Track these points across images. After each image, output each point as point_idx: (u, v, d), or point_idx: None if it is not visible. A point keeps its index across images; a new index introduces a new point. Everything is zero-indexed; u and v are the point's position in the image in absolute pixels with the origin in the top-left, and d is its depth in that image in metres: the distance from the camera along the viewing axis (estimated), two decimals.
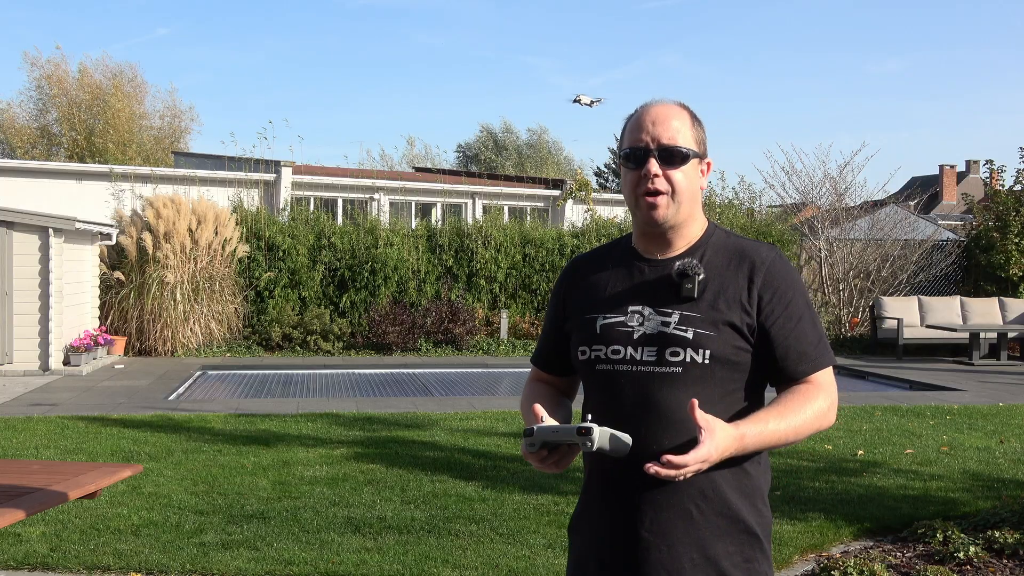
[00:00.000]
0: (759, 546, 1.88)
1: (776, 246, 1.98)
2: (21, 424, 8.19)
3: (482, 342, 14.99)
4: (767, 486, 1.95)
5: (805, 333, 1.89)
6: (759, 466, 1.91)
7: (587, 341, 1.95)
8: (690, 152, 1.91)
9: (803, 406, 1.85)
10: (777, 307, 1.88)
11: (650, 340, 1.87)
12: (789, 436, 1.83)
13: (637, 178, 1.91)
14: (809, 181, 17.81)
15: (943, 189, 51.66)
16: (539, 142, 48.81)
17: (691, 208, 1.94)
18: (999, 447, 7.78)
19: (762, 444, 1.81)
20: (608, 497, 1.90)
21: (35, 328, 11.84)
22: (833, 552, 4.97)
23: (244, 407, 9.33)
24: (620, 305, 1.94)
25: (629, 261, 1.99)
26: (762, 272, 1.89)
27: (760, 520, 1.90)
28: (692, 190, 1.93)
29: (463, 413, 9.07)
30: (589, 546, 1.96)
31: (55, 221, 11.90)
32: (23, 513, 3.07)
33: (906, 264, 16.71)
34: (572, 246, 16.24)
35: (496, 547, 4.95)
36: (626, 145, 1.94)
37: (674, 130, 1.90)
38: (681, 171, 1.90)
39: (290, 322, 14.48)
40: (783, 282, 1.90)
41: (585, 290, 2.02)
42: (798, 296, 1.90)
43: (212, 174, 16.22)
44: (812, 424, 1.86)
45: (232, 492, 6.00)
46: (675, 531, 1.83)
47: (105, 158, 27.14)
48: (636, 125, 1.94)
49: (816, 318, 1.93)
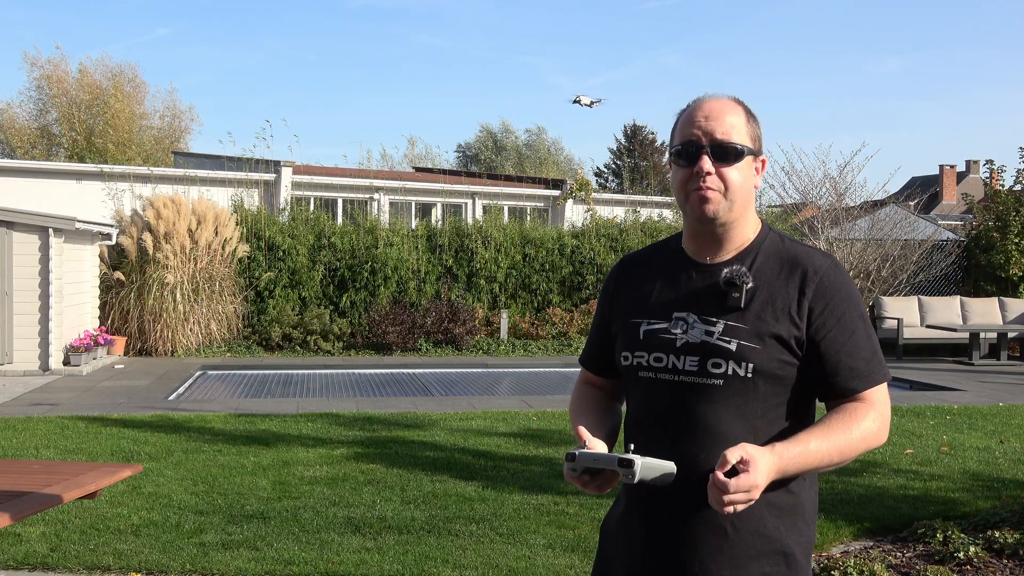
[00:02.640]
0: (796, 566, 1.81)
1: (832, 255, 1.90)
2: (21, 424, 8.19)
3: (482, 342, 14.99)
4: (813, 504, 1.87)
5: (858, 347, 1.79)
6: (803, 482, 1.83)
7: (631, 347, 1.89)
8: (745, 149, 1.82)
9: (850, 426, 1.75)
10: (829, 319, 1.78)
11: (693, 349, 1.80)
12: (834, 458, 1.73)
13: (688, 175, 1.82)
14: (809, 181, 17.79)
15: (943, 189, 51.66)
16: (539, 142, 48.81)
17: (744, 208, 1.85)
18: (999, 447, 7.78)
19: (803, 466, 1.72)
20: (644, 508, 1.85)
21: (35, 328, 11.84)
22: (833, 552, 4.97)
23: (244, 407, 9.33)
24: (665, 311, 1.87)
25: (678, 264, 1.91)
26: (815, 282, 1.80)
27: (799, 540, 1.82)
28: (746, 189, 1.83)
29: (463, 413, 9.07)
30: (619, 553, 1.91)
31: (55, 221, 11.90)
32: (23, 513, 3.07)
33: (906, 264, 16.70)
34: (572, 246, 16.24)
35: (496, 547, 4.95)
36: (677, 141, 1.83)
37: (728, 125, 1.81)
38: (736, 168, 1.81)
39: (290, 322, 14.48)
40: (837, 293, 1.80)
41: (632, 292, 1.96)
42: (852, 308, 1.81)
43: (212, 174, 16.22)
44: (859, 446, 1.76)
45: (232, 492, 6.00)
46: (708, 548, 1.78)
47: (105, 158, 27.15)
48: (688, 120, 1.84)
49: (871, 331, 1.83)
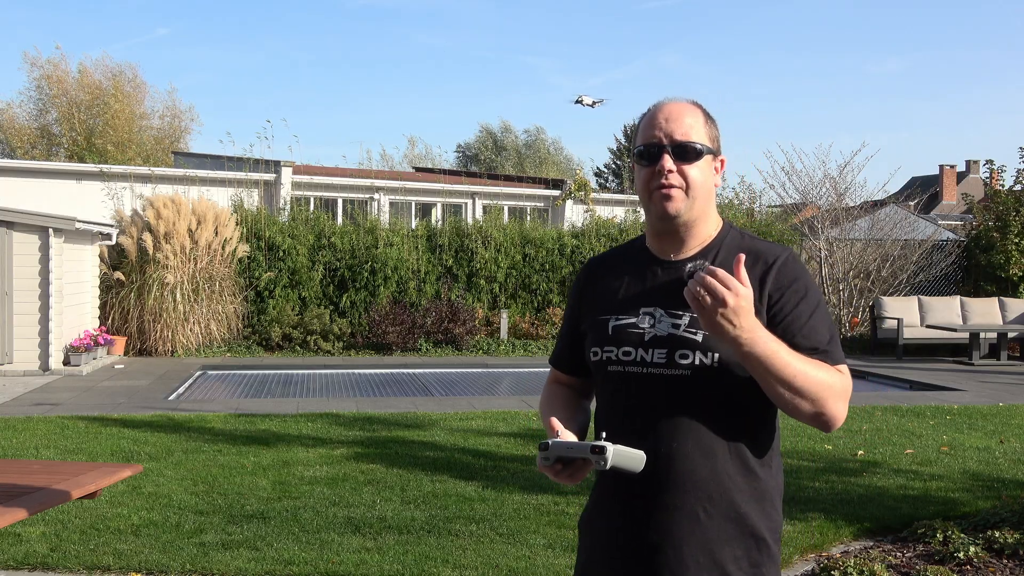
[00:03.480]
0: (767, 551, 1.89)
1: (791, 248, 1.95)
2: (21, 424, 8.19)
3: (482, 342, 14.99)
4: (779, 490, 1.94)
5: (816, 330, 1.84)
6: (769, 469, 1.90)
7: (600, 342, 1.95)
8: (704, 148, 1.90)
9: (819, 367, 1.78)
10: (787, 306, 1.85)
11: (660, 342, 1.87)
12: (796, 378, 1.73)
13: (651, 174, 1.90)
14: (809, 181, 17.80)
15: (943, 189, 51.65)
16: (539, 142, 48.81)
17: (705, 205, 1.93)
18: (999, 447, 7.78)
19: (769, 357, 1.72)
20: (619, 496, 1.91)
21: (35, 328, 11.84)
22: (833, 552, 4.97)
23: (244, 407, 9.33)
24: (633, 307, 1.94)
25: (643, 262, 1.99)
26: (773, 271, 1.87)
27: (769, 524, 1.89)
28: (707, 187, 1.91)
29: (463, 413, 9.07)
30: (597, 545, 1.97)
31: (55, 221, 11.90)
32: (23, 513, 3.07)
33: (906, 264, 16.70)
34: (572, 246, 16.24)
35: (496, 547, 4.95)
36: (640, 142, 1.92)
37: (688, 126, 1.89)
38: (696, 167, 1.89)
39: (290, 322, 14.47)
40: (794, 281, 1.86)
41: (600, 291, 2.02)
42: (809, 295, 1.86)
43: (212, 174, 16.23)
44: (816, 386, 1.75)
45: (232, 492, 6.00)
46: (682, 533, 1.84)
47: (105, 158, 27.14)
48: (650, 122, 1.93)
49: (828, 318, 1.88)
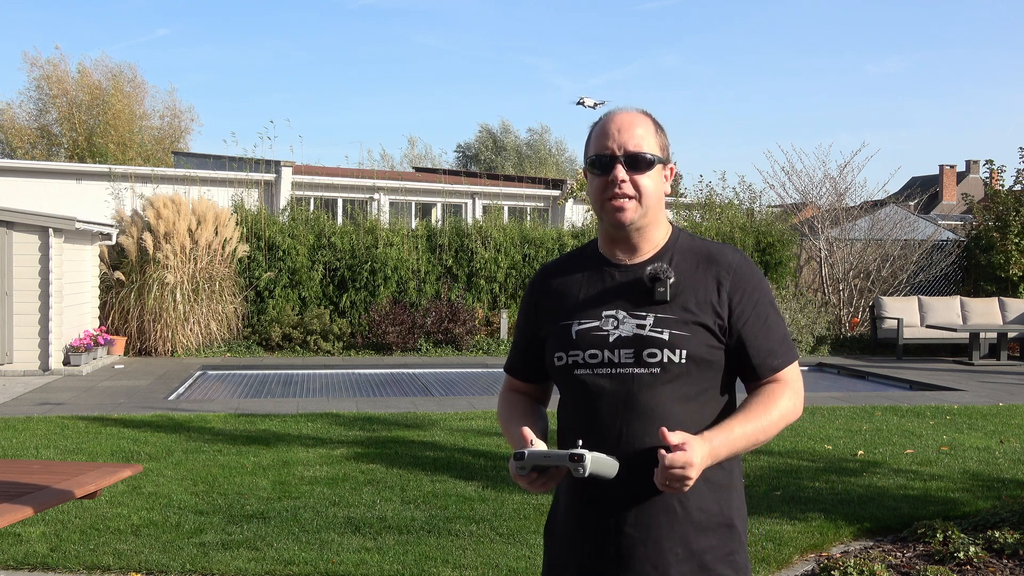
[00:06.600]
0: (738, 537, 1.96)
1: (741, 249, 2.06)
2: (21, 424, 8.19)
3: (482, 342, 14.99)
4: (741, 479, 2.03)
5: (771, 331, 1.98)
6: (733, 460, 1.97)
7: (563, 347, 1.98)
8: (655, 158, 1.97)
9: (769, 408, 1.93)
10: (747, 308, 1.96)
11: (627, 343, 1.92)
12: (759, 437, 1.91)
13: (604, 184, 1.96)
14: (809, 181, 17.80)
15: (943, 189, 51.66)
16: (539, 142, 48.83)
17: (656, 212, 2.00)
18: (999, 447, 7.78)
19: (733, 449, 1.88)
20: (593, 496, 1.93)
21: (35, 328, 11.84)
22: (833, 552, 4.97)
23: (244, 407, 9.33)
24: (594, 310, 1.98)
25: (598, 267, 2.04)
26: (730, 276, 1.97)
27: (739, 512, 1.98)
28: (658, 195, 1.99)
29: (463, 413, 9.07)
30: (566, 548, 2.00)
31: (55, 221, 11.90)
32: (23, 513, 3.06)
33: (906, 264, 16.71)
34: (572, 246, 16.22)
35: (496, 547, 4.95)
36: (592, 152, 1.98)
37: (639, 137, 1.96)
38: (647, 176, 1.96)
39: (290, 322, 14.47)
40: (750, 284, 1.98)
41: (556, 297, 2.06)
42: (764, 297, 1.99)
43: (212, 174, 16.24)
44: (779, 423, 1.94)
45: (232, 492, 6.00)
46: (659, 526, 1.89)
47: (105, 158, 27.15)
48: (601, 132, 1.98)
49: (780, 316, 2.02)
